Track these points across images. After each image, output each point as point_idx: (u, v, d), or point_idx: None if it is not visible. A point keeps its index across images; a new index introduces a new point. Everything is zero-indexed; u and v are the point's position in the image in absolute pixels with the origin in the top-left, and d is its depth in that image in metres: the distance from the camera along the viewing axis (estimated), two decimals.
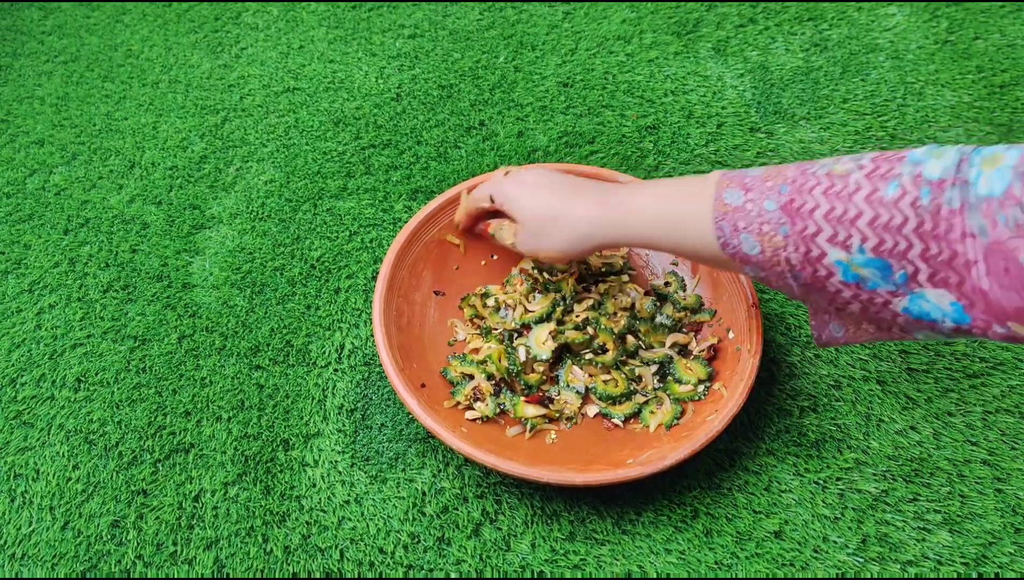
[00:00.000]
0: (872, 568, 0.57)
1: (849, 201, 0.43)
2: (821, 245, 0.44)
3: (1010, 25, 0.97)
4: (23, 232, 0.80)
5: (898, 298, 0.43)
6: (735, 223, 0.47)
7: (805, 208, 0.44)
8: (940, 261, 0.41)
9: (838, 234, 0.43)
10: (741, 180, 0.48)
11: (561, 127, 0.88)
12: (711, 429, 0.57)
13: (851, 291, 0.45)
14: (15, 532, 0.61)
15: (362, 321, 0.72)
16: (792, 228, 0.45)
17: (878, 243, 0.42)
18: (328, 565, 0.59)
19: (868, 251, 0.43)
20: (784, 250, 0.46)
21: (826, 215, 0.44)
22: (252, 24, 1.02)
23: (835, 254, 0.44)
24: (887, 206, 0.42)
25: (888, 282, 0.43)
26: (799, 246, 0.45)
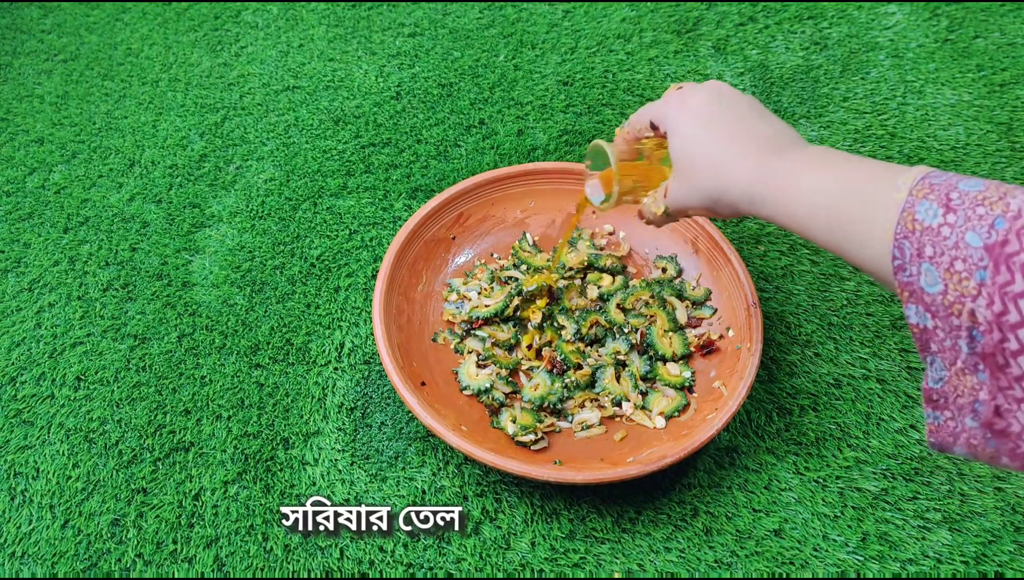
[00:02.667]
0: (872, 566, 0.57)
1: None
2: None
3: (1010, 24, 0.97)
4: (23, 231, 0.80)
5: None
6: (920, 247, 0.37)
7: (1018, 257, 0.33)
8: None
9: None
10: (946, 192, 0.37)
11: (561, 126, 0.88)
12: (711, 427, 0.57)
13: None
14: (15, 531, 0.61)
15: (362, 320, 0.72)
16: (994, 277, 0.34)
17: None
18: (328, 564, 0.59)
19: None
20: (972, 300, 0.35)
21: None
22: (252, 23, 1.02)
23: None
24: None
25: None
26: (994, 302, 0.34)
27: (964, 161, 0.83)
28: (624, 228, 0.73)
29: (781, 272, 0.74)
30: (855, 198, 0.40)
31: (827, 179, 0.42)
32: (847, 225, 0.41)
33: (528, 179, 0.73)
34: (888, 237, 0.38)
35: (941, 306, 0.37)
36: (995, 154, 0.83)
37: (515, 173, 0.73)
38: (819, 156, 0.44)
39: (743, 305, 0.64)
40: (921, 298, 0.37)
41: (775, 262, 0.75)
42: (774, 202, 0.44)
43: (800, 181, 0.43)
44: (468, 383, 0.64)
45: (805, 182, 0.43)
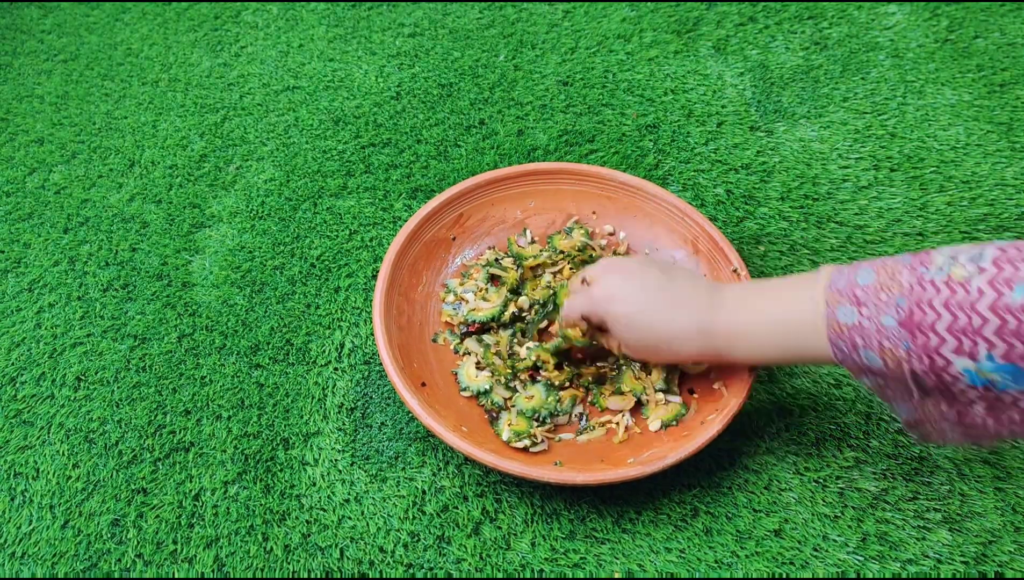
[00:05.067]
0: (872, 566, 0.57)
1: (972, 311, 0.41)
2: (946, 355, 0.43)
3: (1010, 24, 0.97)
4: (23, 231, 0.80)
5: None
6: (852, 341, 0.46)
7: (926, 322, 0.43)
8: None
9: (963, 345, 0.42)
10: (851, 293, 0.46)
11: (561, 126, 0.88)
12: (711, 428, 0.57)
13: (978, 393, 0.44)
14: (15, 531, 0.61)
15: (362, 320, 0.72)
16: (914, 342, 0.44)
17: (1007, 350, 0.41)
18: (328, 564, 0.59)
19: (998, 358, 0.41)
20: (908, 362, 0.44)
21: (948, 327, 0.42)
22: (252, 23, 1.02)
23: (961, 363, 0.42)
24: (1014, 313, 0.40)
25: (1020, 383, 0.42)
26: (923, 358, 0.44)
27: (964, 161, 0.83)
28: (624, 228, 0.73)
29: (781, 272, 0.74)
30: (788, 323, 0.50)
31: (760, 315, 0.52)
32: (792, 345, 0.50)
33: (528, 179, 0.73)
34: (825, 344, 0.48)
35: (888, 373, 0.46)
36: (995, 154, 0.83)
37: (515, 173, 0.73)
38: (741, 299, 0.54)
39: None
40: (871, 371, 0.47)
41: (775, 262, 0.75)
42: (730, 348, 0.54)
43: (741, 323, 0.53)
44: (468, 385, 0.64)
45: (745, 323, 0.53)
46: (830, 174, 0.82)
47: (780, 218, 0.79)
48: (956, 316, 0.42)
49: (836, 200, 0.80)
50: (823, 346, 0.48)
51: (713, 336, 0.54)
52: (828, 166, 0.83)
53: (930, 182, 0.81)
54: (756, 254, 0.76)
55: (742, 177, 0.82)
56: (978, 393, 0.44)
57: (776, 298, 0.52)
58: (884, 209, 0.79)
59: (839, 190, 0.81)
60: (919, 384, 0.45)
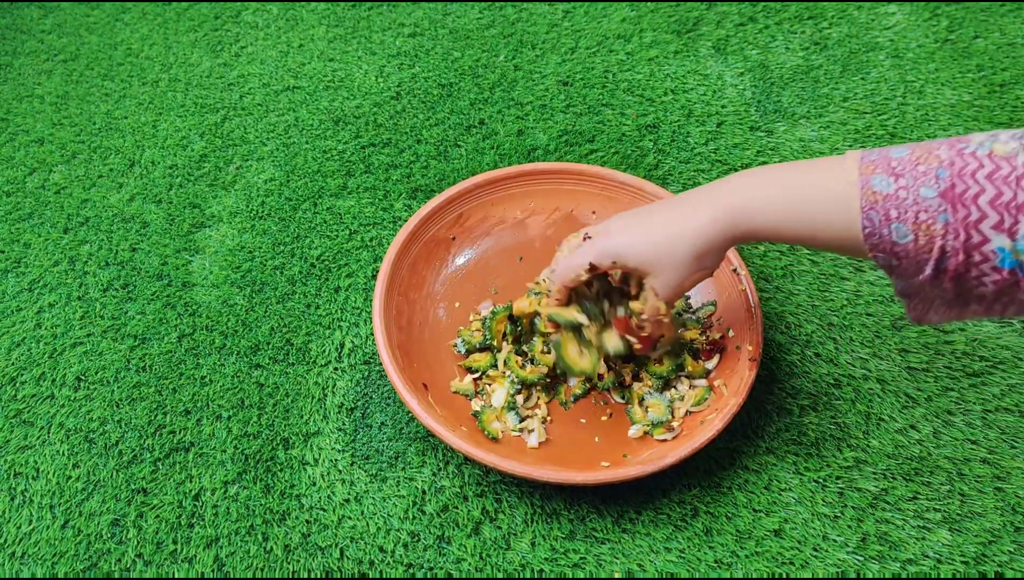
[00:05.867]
0: (872, 567, 0.57)
1: (1018, 186, 0.40)
2: (985, 232, 0.41)
3: (1010, 24, 0.97)
4: (23, 231, 0.80)
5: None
6: (887, 212, 0.44)
7: (968, 194, 0.41)
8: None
9: (1003, 221, 0.40)
10: (887, 164, 0.44)
11: (561, 126, 0.88)
12: (711, 428, 0.57)
13: (1000, 276, 0.42)
14: (15, 531, 0.61)
15: (362, 320, 0.72)
16: (954, 215, 0.42)
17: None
18: (328, 563, 0.59)
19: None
20: (942, 238, 0.42)
21: (992, 201, 0.41)
22: (252, 23, 1.02)
23: (999, 241, 0.41)
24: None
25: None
26: (959, 234, 0.42)
27: None
28: None
29: (781, 272, 0.74)
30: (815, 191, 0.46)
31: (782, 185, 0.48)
32: (817, 215, 0.46)
33: (528, 179, 0.73)
34: (855, 213, 0.44)
35: (912, 251, 0.44)
36: None
37: (515, 173, 0.73)
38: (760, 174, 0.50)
39: (743, 305, 0.64)
40: (891, 251, 0.44)
41: (775, 262, 0.75)
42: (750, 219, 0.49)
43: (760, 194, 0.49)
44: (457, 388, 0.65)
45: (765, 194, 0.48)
46: None
47: None
48: (1000, 191, 0.40)
49: None
50: (852, 220, 0.45)
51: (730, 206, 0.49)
52: None
53: None
54: (756, 254, 0.76)
55: None
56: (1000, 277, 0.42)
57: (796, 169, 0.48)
58: None
59: None
60: (939, 265, 0.43)
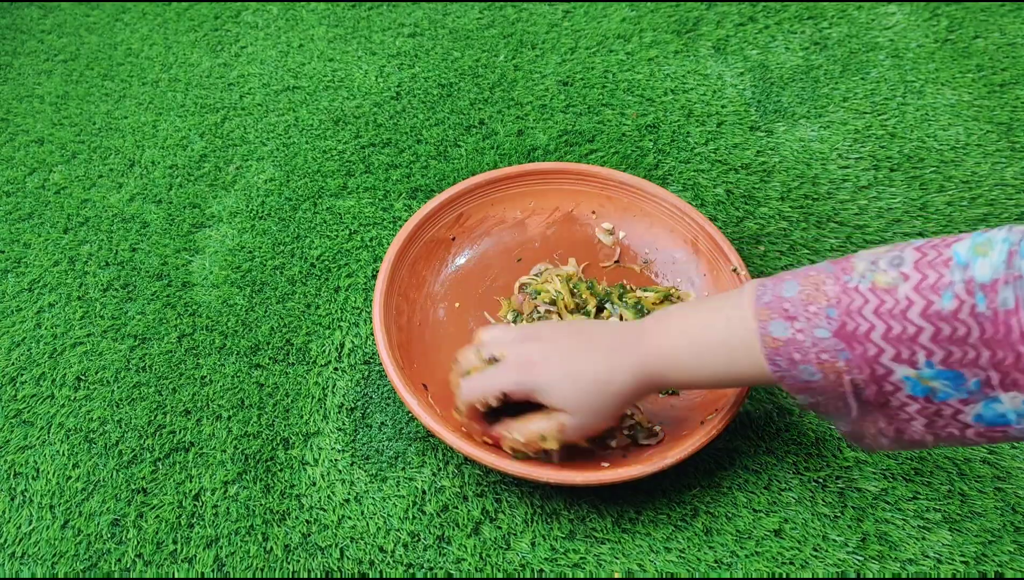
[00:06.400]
0: (872, 566, 0.57)
1: (905, 319, 0.41)
2: (886, 364, 0.42)
3: (1010, 24, 0.97)
4: (23, 231, 0.80)
5: (970, 406, 0.41)
6: (790, 356, 0.45)
7: (860, 331, 0.42)
8: (1008, 365, 0.39)
9: (901, 353, 0.41)
10: (780, 307, 0.45)
11: (561, 126, 0.88)
12: (711, 428, 0.57)
13: (919, 405, 0.43)
14: (15, 531, 0.61)
15: (362, 320, 0.72)
16: (852, 352, 0.42)
17: (946, 356, 0.40)
18: (328, 564, 0.59)
19: (937, 364, 0.40)
20: (848, 374, 0.43)
21: (884, 335, 0.41)
22: (252, 23, 1.02)
23: (902, 371, 0.42)
24: (946, 319, 0.39)
25: (961, 390, 0.41)
26: (863, 368, 0.43)
27: (964, 161, 0.83)
28: (624, 228, 0.73)
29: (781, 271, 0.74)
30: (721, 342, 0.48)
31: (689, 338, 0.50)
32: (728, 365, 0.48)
33: (528, 179, 0.73)
34: (761, 361, 0.46)
35: (826, 387, 0.45)
36: (995, 154, 0.83)
37: (515, 173, 0.73)
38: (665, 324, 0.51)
39: None
40: (809, 387, 0.46)
41: (775, 262, 0.75)
42: (663, 375, 0.51)
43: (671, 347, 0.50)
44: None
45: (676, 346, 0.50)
46: (830, 174, 0.82)
47: (780, 218, 0.79)
48: (890, 325, 0.41)
49: (836, 200, 0.80)
50: (759, 364, 0.46)
51: (645, 365, 0.50)
52: (828, 166, 0.83)
53: (930, 182, 0.81)
54: (756, 254, 0.76)
55: (742, 177, 0.82)
56: (919, 406, 0.43)
57: (703, 320, 0.50)
58: (884, 209, 0.79)
59: (839, 190, 0.81)
60: (859, 397, 0.44)
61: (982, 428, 0.42)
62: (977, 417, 0.42)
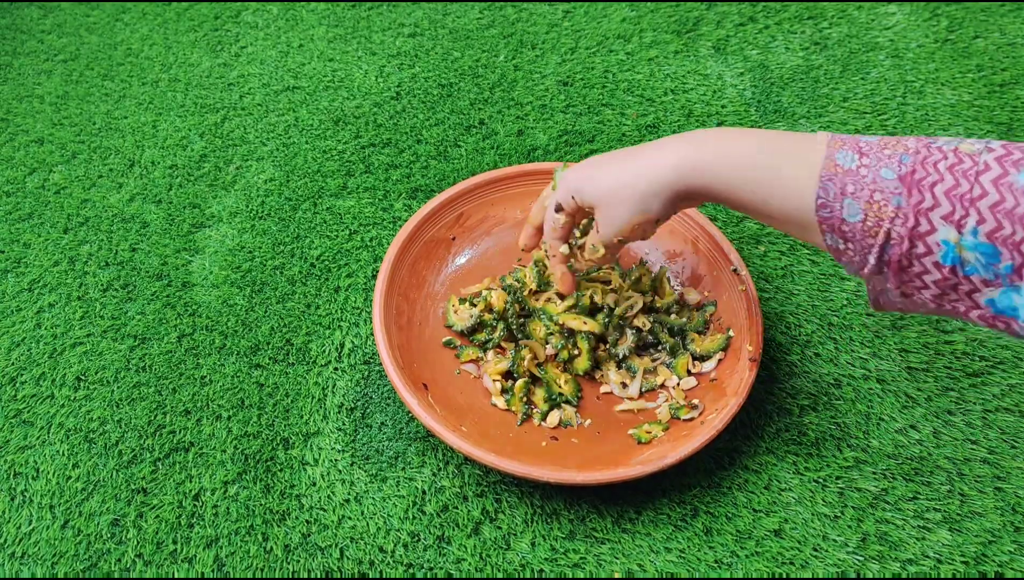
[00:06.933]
0: (872, 566, 0.57)
1: (976, 180, 0.41)
2: (934, 221, 0.42)
3: (1010, 24, 0.97)
4: (23, 231, 0.80)
5: (990, 288, 0.42)
6: (843, 186, 0.44)
7: (926, 181, 0.42)
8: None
9: (955, 212, 0.41)
10: (856, 143, 0.45)
11: (561, 126, 0.88)
12: (711, 428, 0.57)
13: (939, 274, 0.43)
14: (15, 531, 0.61)
15: (362, 320, 0.72)
16: (908, 200, 0.42)
17: (995, 228, 0.40)
18: (328, 564, 0.59)
19: (981, 234, 0.41)
20: (890, 222, 0.43)
21: (948, 191, 0.41)
22: (252, 23, 1.02)
23: (945, 232, 0.42)
24: (1015, 192, 0.40)
25: (989, 271, 0.41)
26: (908, 219, 0.42)
27: None
28: None
29: (781, 272, 0.74)
30: (783, 154, 0.47)
31: (755, 143, 0.48)
32: (775, 178, 0.47)
33: (528, 179, 0.73)
34: (813, 182, 0.45)
35: (859, 232, 0.44)
36: None
37: (515, 173, 0.73)
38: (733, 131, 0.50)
39: (743, 305, 0.64)
40: (839, 229, 0.45)
41: (775, 262, 0.75)
42: (711, 168, 0.49)
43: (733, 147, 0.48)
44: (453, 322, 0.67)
45: (737, 147, 0.48)
46: None
47: None
48: (958, 182, 0.41)
49: None
50: (808, 186, 0.45)
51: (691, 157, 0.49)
52: None
53: None
54: (756, 254, 0.76)
55: None
56: (940, 275, 0.43)
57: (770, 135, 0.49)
58: None
59: None
60: (882, 255, 0.44)
61: (989, 313, 0.42)
62: (989, 301, 0.42)
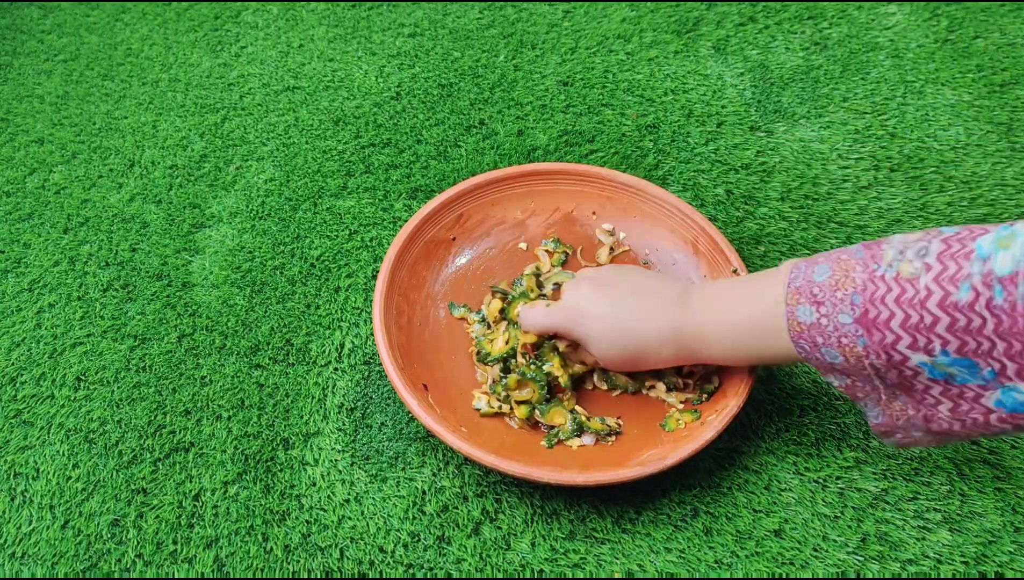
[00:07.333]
0: (872, 567, 0.57)
1: (923, 308, 0.42)
2: (903, 351, 0.44)
3: (1010, 24, 0.97)
4: (23, 231, 0.80)
5: (990, 391, 0.43)
6: (813, 340, 0.47)
7: (880, 319, 0.44)
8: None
9: (917, 341, 0.43)
10: (809, 292, 0.47)
11: (561, 126, 0.88)
12: (711, 429, 0.57)
13: (940, 387, 0.44)
14: (15, 531, 0.61)
15: (362, 320, 0.72)
16: (870, 339, 0.44)
17: (960, 345, 0.41)
18: (328, 564, 0.59)
19: (952, 353, 0.42)
20: (867, 358, 0.45)
21: (902, 324, 0.43)
22: (252, 23, 1.02)
23: (918, 358, 0.43)
24: (962, 310, 0.41)
25: (977, 378, 0.42)
26: (880, 354, 0.45)
27: (964, 161, 0.83)
28: (624, 229, 0.73)
29: None
30: (754, 329, 0.51)
31: (724, 321, 0.53)
32: (758, 346, 0.52)
33: (528, 180, 0.73)
34: (789, 343, 0.49)
35: (850, 368, 0.47)
36: (995, 154, 0.83)
37: (515, 174, 0.73)
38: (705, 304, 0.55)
39: None
40: (834, 369, 0.48)
41: (775, 262, 0.75)
42: (699, 351, 0.55)
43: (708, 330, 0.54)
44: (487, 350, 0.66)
45: (712, 330, 0.54)
46: (830, 174, 0.82)
47: (780, 218, 0.79)
48: (908, 314, 0.43)
49: (836, 200, 0.80)
50: (787, 345, 0.49)
51: (684, 339, 0.55)
52: (828, 166, 0.83)
53: (930, 182, 0.81)
54: (756, 254, 0.76)
55: (742, 177, 0.82)
56: (940, 387, 0.44)
57: (739, 300, 0.53)
58: (884, 209, 0.79)
59: (839, 190, 0.81)
60: (882, 379, 0.46)
61: (1005, 414, 0.43)
62: (998, 402, 0.43)
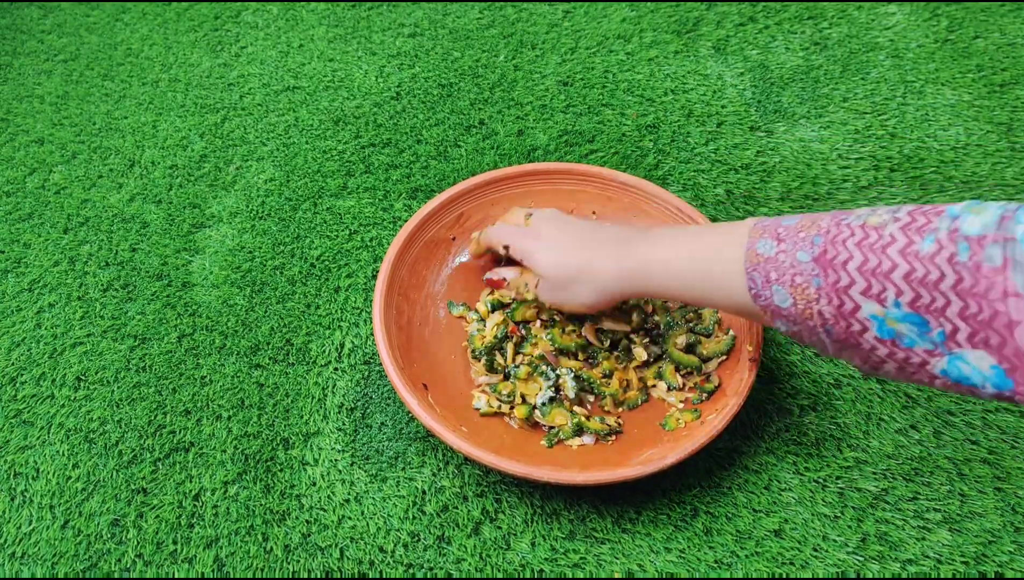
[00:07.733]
0: (872, 567, 0.58)
1: (883, 253, 0.41)
2: (855, 298, 0.43)
3: (1010, 24, 0.97)
4: (23, 231, 0.80)
5: (936, 358, 0.42)
6: (767, 274, 0.46)
7: (838, 259, 0.43)
8: (980, 320, 0.39)
9: (872, 287, 0.42)
10: (775, 230, 0.47)
11: (561, 126, 0.88)
12: (711, 429, 0.57)
13: (886, 349, 0.43)
14: (15, 531, 0.61)
15: (362, 320, 0.72)
16: (825, 280, 0.43)
17: (914, 298, 0.40)
18: (328, 564, 0.59)
19: (904, 305, 0.41)
20: (816, 303, 0.44)
21: (859, 267, 0.42)
22: (252, 23, 1.02)
23: (869, 308, 0.42)
24: (922, 260, 0.40)
25: (925, 340, 0.41)
26: (832, 299, 0.43)
27: (964, 161, 0.83)
28: None
29: None
30: (708, 253, 0.50)
31: (679, 249, 0.52)
32: (707, 277, 0.50)
33: (528, 179, 0.73)
34: (741, 275, 0.48)
35: (797, 315, 0.46)
36: (995, 154, 0.83)
37: (515, 173, 0.73)
38: (664, 236, 0.54)
39: None
40: (780, 313, 0.47)
41: None
42: (646, 277, 0.54)
43: (659, 255, 0.53)
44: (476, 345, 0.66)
45: (663, 255, 0.53)
46: (830, 174, 0.82)
47: None
48: (867, 257, 0.42)
49: (836, 200, 0.80)
50: (739, 280, 0.48)
51: (630, 261, 0.54)
52: (828, 166, 0.83)
53: (930, 182, 0.81)
54: None
55: (742, 177, 0.82)
56: (887, 349, 0.43)
57: (697, 234, 0.52)
58: None
59: (839, 190, 0.81)
60: (828, 333, 0.45)
61: (950, 382, 0.42)
62: (943, 371, 0.42)
